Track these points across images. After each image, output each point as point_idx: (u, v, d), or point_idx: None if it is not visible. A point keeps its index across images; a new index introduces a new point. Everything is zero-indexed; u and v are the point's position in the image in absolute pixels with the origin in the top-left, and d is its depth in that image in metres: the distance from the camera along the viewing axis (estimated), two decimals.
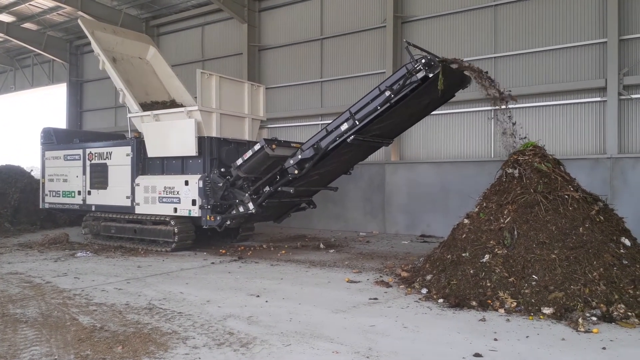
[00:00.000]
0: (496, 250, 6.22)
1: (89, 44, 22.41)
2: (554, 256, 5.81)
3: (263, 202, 9.72)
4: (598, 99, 11.67)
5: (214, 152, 10.49)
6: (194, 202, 10.19)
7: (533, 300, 5.55)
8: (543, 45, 12.32)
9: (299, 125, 16.43)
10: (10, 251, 10.86)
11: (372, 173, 14.13)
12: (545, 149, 7.14)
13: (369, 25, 14.96)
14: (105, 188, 11.75)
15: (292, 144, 9.89)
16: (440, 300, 6.04)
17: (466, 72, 7.75)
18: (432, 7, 13.92)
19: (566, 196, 6.31)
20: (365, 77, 14.96)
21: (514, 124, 7.44)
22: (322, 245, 11.14)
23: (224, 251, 10.51)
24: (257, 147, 9.43)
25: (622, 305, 5.27)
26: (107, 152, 11.76)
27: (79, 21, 13.11)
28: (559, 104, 12.13)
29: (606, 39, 11.45)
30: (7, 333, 4.98)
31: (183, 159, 10.74)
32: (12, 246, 11.62)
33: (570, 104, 12.01)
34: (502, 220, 6.47)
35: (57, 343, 4.65)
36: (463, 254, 6.46)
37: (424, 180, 13.32)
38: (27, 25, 21.51)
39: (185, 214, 10.33)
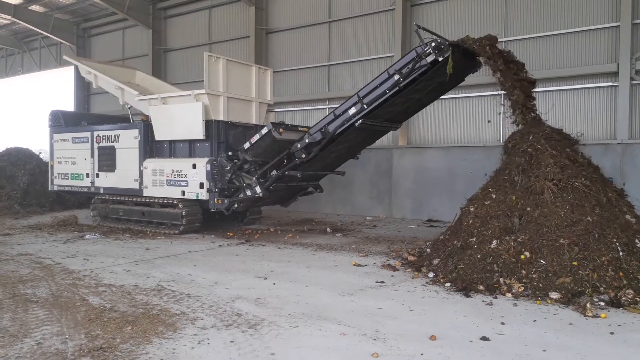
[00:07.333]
0: (504, 235, 6.20)
1: (97, 26, 22.59)
2: (562, 241, 5.78)
3: (270, 186, 9.73)
4: (609, 83, 11.52)
5: (222, 136, 10.48)
6: (201, 186, 10.22)
7: (541, 285, 5.53)
8: (554, 29, 12.13)
9: (306, 109, 16.35)
10: (20, 233, 10.97)
11: (380, 157, 14.08)
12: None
13: (377, 8, 14.77)
14: (113, 171, 11.80)
15: (299, 128, 9.86)
16: (447, 284, 6.04)
17: (480, 59, 7.60)
18: None
19: (577, 183, 6.26)
20: (374, 61, 14.82)
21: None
22: (328, 229, 11.16)
23: (231, 234, 10.57)
24: (264, 130, 9.40)
25: (631, 291, 5.25)
26: (115, 135, 11.78)
27: (64, 57, 13.24)
28: (570, 89, 11.97)
29: (619, 22, 11.25)
30: (19, 312, 5.04)
31: (190, 142, 10.75)
32: (21, 228, 11.74)
33: (582, 88, 11.85)
34: (510, 206, 6.44)
35: (67, 323, 4.71)
36: (470, 239, 6.44)
37: (432, 165, 13.26)
38: (34, 7, 21.46)
39: (193, 197, 10.37)
